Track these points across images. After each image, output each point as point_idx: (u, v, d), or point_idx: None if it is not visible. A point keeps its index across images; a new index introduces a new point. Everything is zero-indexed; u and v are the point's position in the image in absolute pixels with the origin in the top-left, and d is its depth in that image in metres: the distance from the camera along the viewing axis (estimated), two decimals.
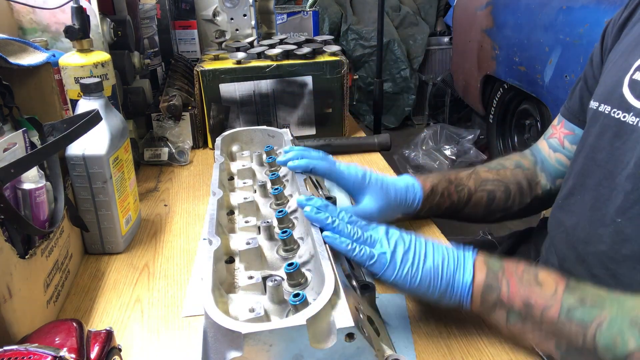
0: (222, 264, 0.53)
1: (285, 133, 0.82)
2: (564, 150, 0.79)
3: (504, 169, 0.82)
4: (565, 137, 0.79)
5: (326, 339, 0.42)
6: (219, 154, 0.75)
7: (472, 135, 3.02)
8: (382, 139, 1.13)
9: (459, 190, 0.78)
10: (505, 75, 2.40)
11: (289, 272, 0.49)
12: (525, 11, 2.20)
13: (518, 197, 0.80)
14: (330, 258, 0.48)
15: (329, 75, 1.10)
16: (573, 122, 0.78)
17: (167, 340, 0.59)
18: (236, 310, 0.47)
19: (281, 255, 0.56)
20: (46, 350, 0.41)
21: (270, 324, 0.41)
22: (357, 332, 0.42)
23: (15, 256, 0.52)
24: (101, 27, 0.94)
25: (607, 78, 0.68)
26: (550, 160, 0.82)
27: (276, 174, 0.69)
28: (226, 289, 0.51)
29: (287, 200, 0.66)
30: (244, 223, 0.61)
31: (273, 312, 0.47)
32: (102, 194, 0.70)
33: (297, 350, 0.41)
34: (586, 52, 1.78)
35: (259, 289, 0.50)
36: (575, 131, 0.77)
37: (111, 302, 0.65)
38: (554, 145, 0.81)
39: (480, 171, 0.81)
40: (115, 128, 0.71)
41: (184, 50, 1.43)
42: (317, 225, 0.54)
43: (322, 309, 0.41)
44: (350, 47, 3.58)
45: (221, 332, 0.41)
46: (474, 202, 0.78)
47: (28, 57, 0.71)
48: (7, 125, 0.65)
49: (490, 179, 0.80)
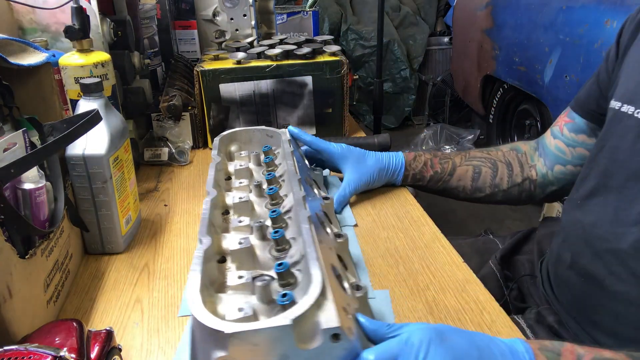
0: (213, 263, 0.53)
1: (283, 133, 0.82)
2: (562, 137, 0.82)
3: (496, 150, 0.87)
4: (565, 124, 0.82)
5: (312, 340, 0.42)
6: (215, 154, 0.75)
7: (472, 135, 3.03)
8: (382, 139, 1.13)
9: (443, 162, 0.83)
10: (505, 76, 2.40)
11: (279, 272, 0.49)
12: (525, 11, 2.20)
13: (506, 175, 0.83)
14: (319, 258, 0.48)
15: (328, 75, 1.10)
16: (576, 112, 0.79)
17: (167, 340, 0.59)
18: (225, 310, 0.47)
19: (273, 255, 0.56)
20: (46, 350, 0.41)
21: (255, 323, 0.41)
22: (343, 332, 0.41)
23: (15, 256, 0.52)
24: (101, 27, 0.94)
25: (628, 78, 0.67)
26: (550, 146, 0.84)
27: (272, 174, 0.69)
28: (217, 289, 0.51)
29: (282, 200, 0.66)
30: (237, 223, 0.61)
31: (262, 312, 0.47)
32: (102, 194, 0.70)
33: (282, 351, 0.41)
34: (586, 52, 1.78)
35: (249, 289, 0.50)
36: (575, 119, 0.80)
37: (111, 302, 0.65)
38: (555, 132, 0.84)
39: (470, 151, 0.87)
40: (115, 128, 0.71)
41: (184, 50, 1.43)
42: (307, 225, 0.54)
43: (307, 309, 0.41)
44: (350, 47, 3.58)
45: (207, 332, 0.41)
46: (459, 174, 0.82)
47: (28, 57, 0.71)
48: (7, 125, 0.65)
49: (478, 156, 0.85)
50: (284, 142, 0.78)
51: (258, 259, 0.56)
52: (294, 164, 0.70)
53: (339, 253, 0.61)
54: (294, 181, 0.64)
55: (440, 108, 3.83)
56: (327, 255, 0.53)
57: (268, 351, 0.41)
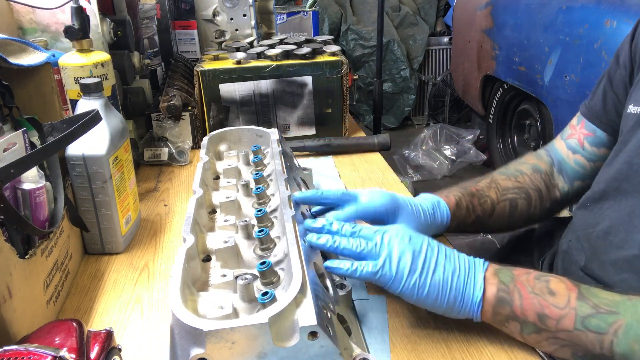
0: (197, 262, 0.54)
1: (273, 133, 0.81)
2: (584, 152, 0.77)
3: (522, 175, 0.79)
4: (585, 138, 0.76)
5: (290, 338, 0.42)
6: (204, 153, 0.75)
7: (472, 135, 3.03)
8: (382, 139, 1.13)
9: (482, 203, 0.74)
10: (505, 76, 2.40)
11: (262, 270, 0.49)
12: (525, 11, 2.20)
13: (539, 203, 0.78)
14: (300, 257, 0.48)
15: (328, 75, 1.10)
16: (594, 123, 0.75)
17: (167, 340, 0.59)
18: (205, 308, 0.47)
19: (258, 254, 0.56)
20: (46, 350, 0.41)
21: (232, 321, 0.41)
22: (321, 331, 0.42)
23: (15, 256, 0.52)
24: (101, 27, 0.94)
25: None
26: (569, 161, 0.79)
27: (260, 174, 0.69)
28: (200, 287, 0.51)
29: (269, 199, 0.66)
30: (223, 222, 0.61)
31: (243, 311, 0.47)
32: (102, 194, 0.70)
33: (260, 348, 0.41)
34: (586, 52, 1.78)
35: (231, 287, 0.51)
36: (596, 133, 0.75)
37: (111, 302, 0.65)
38: (573, 146, 0.78)
39: (499, 179, 0.78)
40: (115, 128, 0.71)
41: (184, 50, 1.43)
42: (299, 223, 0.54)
43: (285, 307, 0.42)
44: (350, 47, 3.58)
45: (185, 329, 0.41)
46: (497, 213, 0.76)
47: (28, 57, 0.71)
48: (7, 125, 0.65)
49: (510, 187, 0.77)
50: (273, 141, 0.78)
51: (242, 258, 0.56)
52: (281, 163, 0.71)
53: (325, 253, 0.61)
54: (281, 180, 0.65)
55: (440, 108, 3.83)
56: (310, 254, 0.53)
57: (245, 349, 0.41)
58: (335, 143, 1.11)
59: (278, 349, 0.41)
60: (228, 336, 0.40)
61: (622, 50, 0.72)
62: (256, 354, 0.41)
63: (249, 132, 0.83)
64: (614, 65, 0.73)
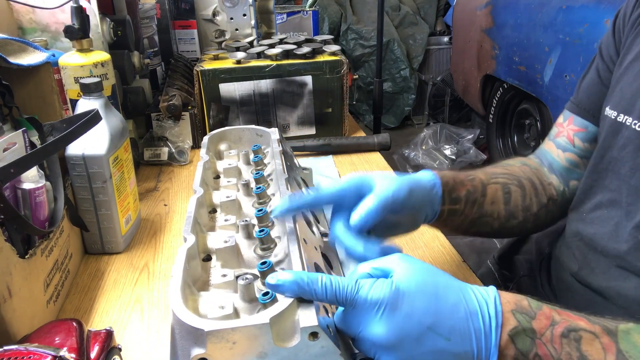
0: (197, 261, 0.54)
1: (273, 132, 0.81)
2: (575, 148, 0.73)
3: (510, 166, 0.74)
4: (575, 134, 0.73)
5: (290, 338, 0.42)
6: (204, 153, 0.75)
7: (472, 135, 3.03)
8: (382, 138, 1.13)
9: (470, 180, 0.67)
10: (505, 75, 2.40)
11: (262, 270, 0.49)
12: (525, 11, 2.20)
13: (534, 195, 0.72)
14: (301, 257, 0.48)
15: (328, 75, 1.10)
16: (586, 118, 0.71)
17: (166, 340, 0.59)
18: (206, 308, 0.47)
19: (258, 254, 0.56)
20: (46, 350, 0.41)
21: (233, 321, 0.41)
22: (322, 331, 0.42)
23: (15, 256, 0.53)
24: (101, 27, 0.94)
25: (626, 85, 0.62)
26: (560, 161, 0.75)
27: (260, 173, 0.69)
28: (200, 287, 0.51)
29: (270, 199, 0.66)
30: (223, 221, 0.61)
31: (244, 311, 0.47)
32: (102, 194, 0.70)
33: (261, 349, 0.41)
34: (586, 52, 1.78)
35: (232, 287, 0.51)
36: (588, 128, 0.71)
37: (111, 302, 0.65)
38: (563, 144, 0.74)
39: (485, 167, 0.73)
40: (115, 128, 0.71)
41: (184, 50, 1.43)
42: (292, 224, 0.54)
43: (286, 307, 0.42)
44: (350, 47, 3.58)
45: (186, 329, 0.41)
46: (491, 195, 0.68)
47: (28, 57, 0.71)
48: (7, 125, 0.65)
49: (499, 172, 0.71)
50: (273, 141, 0.78)
51: (243, 258, 0.56)
52: (282, 163, 0.71)
53: (325, 252, 0.61)
54: (281, 180, 0.65)
55: (440, 108, 3.83)
56: (311, 254, 0.53)
57: (246, 349, 0.41)
58: (335, 143, 1.11)
59: (279, 349, 0.41)
60: (229, 336, 0.40)
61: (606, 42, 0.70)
62: (257, 354, 0.41)
63: (249, 131, 0.83)
64: (599, 59, 0.71)
